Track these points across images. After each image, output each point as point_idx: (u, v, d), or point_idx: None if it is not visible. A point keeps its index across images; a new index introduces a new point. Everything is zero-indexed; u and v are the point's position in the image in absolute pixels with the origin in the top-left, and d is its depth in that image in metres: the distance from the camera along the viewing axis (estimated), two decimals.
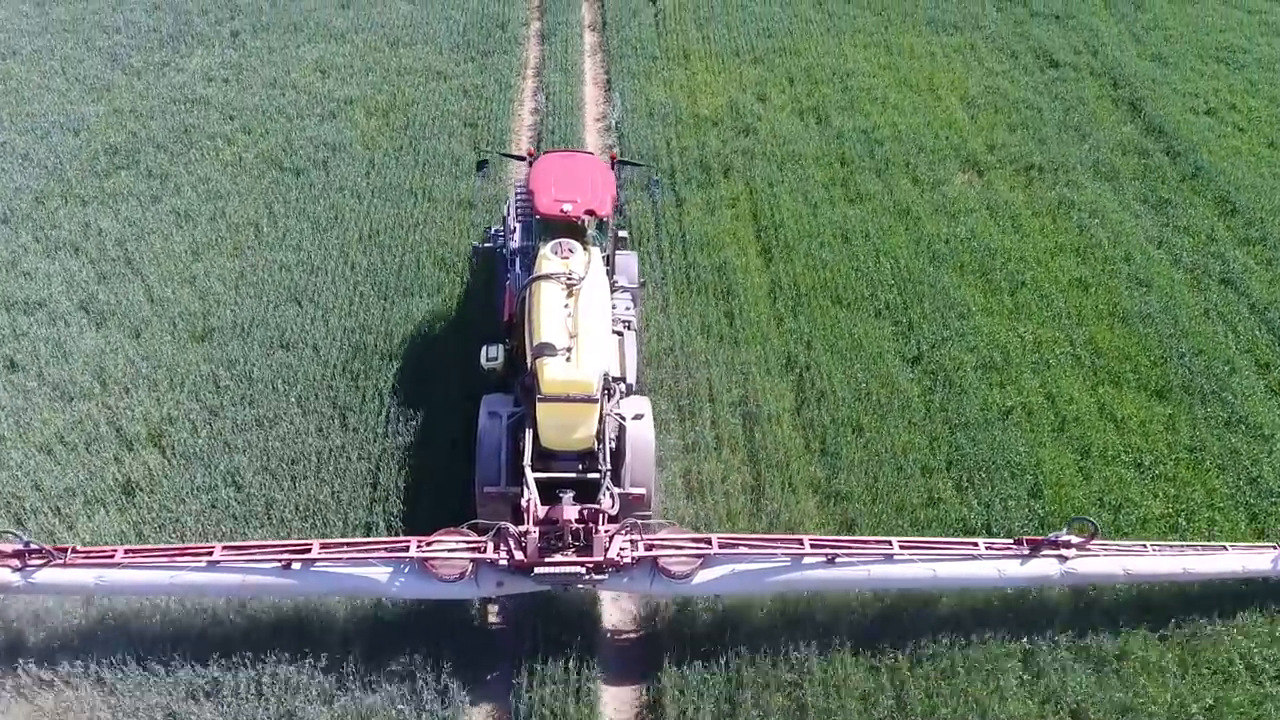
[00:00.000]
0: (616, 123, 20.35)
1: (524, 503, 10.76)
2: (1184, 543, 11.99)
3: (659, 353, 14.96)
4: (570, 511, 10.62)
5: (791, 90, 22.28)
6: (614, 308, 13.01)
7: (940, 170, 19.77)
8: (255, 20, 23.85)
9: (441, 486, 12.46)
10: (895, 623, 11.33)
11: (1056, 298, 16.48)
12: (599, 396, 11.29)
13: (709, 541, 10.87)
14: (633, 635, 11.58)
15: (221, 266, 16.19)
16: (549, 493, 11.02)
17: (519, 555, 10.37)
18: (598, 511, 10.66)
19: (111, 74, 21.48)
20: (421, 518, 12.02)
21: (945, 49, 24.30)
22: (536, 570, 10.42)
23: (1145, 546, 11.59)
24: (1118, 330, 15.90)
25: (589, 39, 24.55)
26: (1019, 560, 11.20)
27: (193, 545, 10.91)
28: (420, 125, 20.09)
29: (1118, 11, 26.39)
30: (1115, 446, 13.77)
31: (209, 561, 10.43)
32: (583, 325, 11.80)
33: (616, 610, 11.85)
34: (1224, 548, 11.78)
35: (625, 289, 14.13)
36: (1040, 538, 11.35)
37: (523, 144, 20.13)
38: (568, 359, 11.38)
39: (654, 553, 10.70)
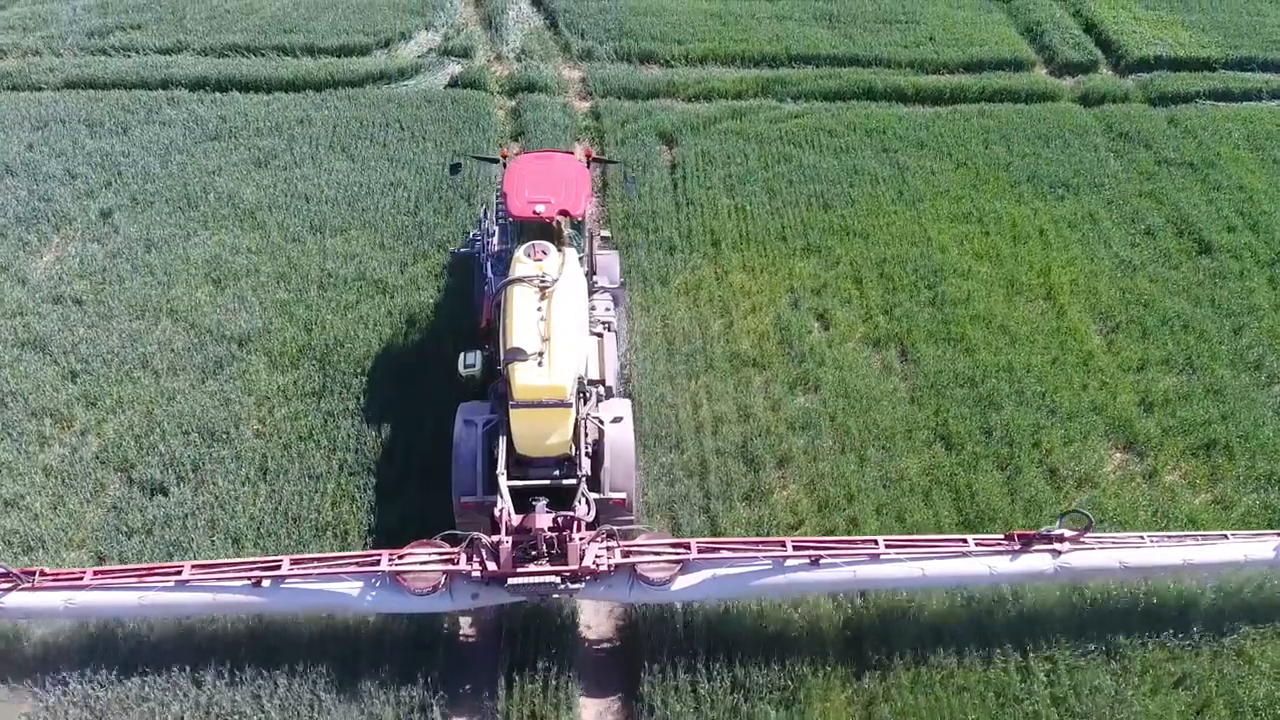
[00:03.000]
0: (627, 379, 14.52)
1: (497, 512, 10.62)
2: (1183, 533, 11.78)
3: None
4: (543, 519, 10.50)
5: (861, 300, 16.32)
6: (593, 309, 12.90)
7: (1083, 452, 13.84)
8: (138, 188, 17.77)
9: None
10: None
11: None
12: (572, 401, 11.21)
13: (688, 546, 10.76)
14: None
15: None
16: (527, 500, 10.81)
17: (492, 566, 10.32)
18: (572, 519, 10.57)
19: None
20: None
21: (1056, 222, 18.32)
22: (510, 581, 10.30)
23: (1143, 538, 11.40)
24: None
25: None
26: (1010, 556, 11.01)
27: (161, 565, 10.77)
28: (343, 386, 14.06)
29: (1267, 156, 20.42)
30: None
31: (178, 580, 10.31)
32: (556, 329, 11.62)
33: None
34: (1225, 536, 11.53)
35: (605, 289, 13.77)
36: (1032, 532, 11.17)
37: None
38: (540, 363, 11.24)
39: (631, 559, 10.60)
